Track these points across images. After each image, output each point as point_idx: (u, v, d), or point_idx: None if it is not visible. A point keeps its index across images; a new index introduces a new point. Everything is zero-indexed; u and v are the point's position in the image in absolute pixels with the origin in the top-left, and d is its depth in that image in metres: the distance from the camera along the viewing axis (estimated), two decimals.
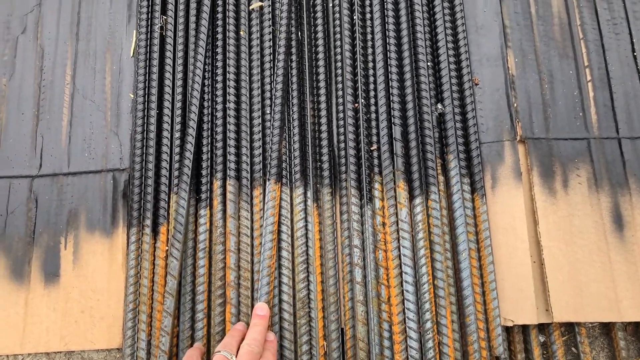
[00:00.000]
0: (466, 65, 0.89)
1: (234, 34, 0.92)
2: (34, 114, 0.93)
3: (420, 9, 0.91)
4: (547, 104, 0.88)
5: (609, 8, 0.92)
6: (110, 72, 0.95)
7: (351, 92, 0.88)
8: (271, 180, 0.84)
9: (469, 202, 0.83)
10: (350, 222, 0.82)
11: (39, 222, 0.88)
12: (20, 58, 0.96)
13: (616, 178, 0.84)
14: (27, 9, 0.99)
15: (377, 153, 0.85)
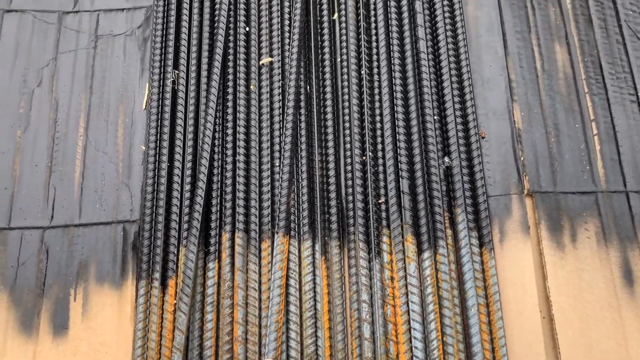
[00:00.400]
0: (473, 119, 0.90)
1: (244, 88, 0.94)
2: (47, 165, 0.95)
3: (426, 63, 0.93)
4: (554, 158, 0.88)
5: (613, 63, 0.93)
6: (122, 124, 0.97)
7: (359, 145, 0.89)
8: (279, 233, 0.84)
9: (477, 256, 0.83)
10: (359, 277, 0.82)
11: (50, 274, 0.89)
12: (36, 110, 0.98)
13: (625, 232, 0.84)
14: (43, 62, 1.02)
15: (385, 206, 0.86)
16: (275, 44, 0.97)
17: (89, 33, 1.04)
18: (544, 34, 0.96)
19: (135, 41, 1.03)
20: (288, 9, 0.99)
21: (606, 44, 0.95)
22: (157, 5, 1.02)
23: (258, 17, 0.99)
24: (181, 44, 0.99)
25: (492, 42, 0.96)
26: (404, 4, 0.97)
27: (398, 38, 0.95)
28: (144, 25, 1.04)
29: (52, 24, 1.05)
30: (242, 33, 0.98)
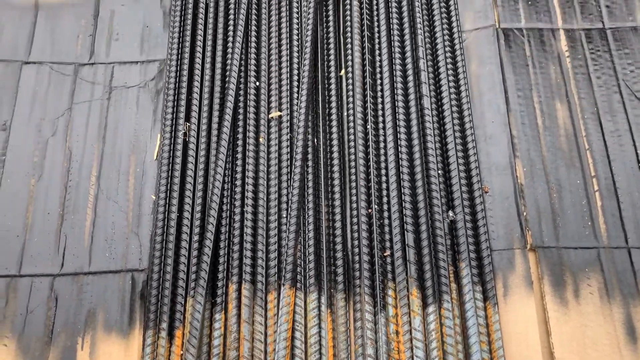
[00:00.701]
0: (476, 174, 0.92)
1: (253, 141, 0.97)
2: (59, 213, 0.97)
3: (430, 119, 0.96)
4: (556, 213, 0.90)
5: (613, 120, 0.96)
6: (134, 174, 0.99)
7: (365, 198, 0.91)
8: (286, 285, 0.85)
9: (482, 310, 0.84)
10: (364, 330, 0.82)
11: (58, 322, 0.90)
12: (50, 160, 1.01)
13: (628, 289, 0.85)
14: (58, 112, 1.05)
15: (390, 259, 0.87)
16: (284, 99, 1.00)
17: (104, 84, 1.08)
18: (545, 91, 0.99)
19: (148, 93, 1.06)
20: (297, 65, 1.02)
21: (605, 102, 0.97)
22: (171, 59, 1.06)
23: (268, 73, 1.03)
24: (193, 96, 1.02)
25: (495, 99, 0.99)
26: (409, 62, 1.00)
27: (403, 95, 0.98)
28: (157, 78, 1.07)
29: (68, 75, 1.09)
30: (252, 87, 1.01)
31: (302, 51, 1.02)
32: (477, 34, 1.05)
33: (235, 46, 1.03)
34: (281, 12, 1.08)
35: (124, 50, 1.11)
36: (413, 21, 1.04)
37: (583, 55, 1.02)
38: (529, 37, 1.04)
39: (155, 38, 1.11)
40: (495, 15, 1.06)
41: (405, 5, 1.06)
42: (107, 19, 1.14)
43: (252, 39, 1.06)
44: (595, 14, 1.05)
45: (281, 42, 1.05)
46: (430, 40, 1.04)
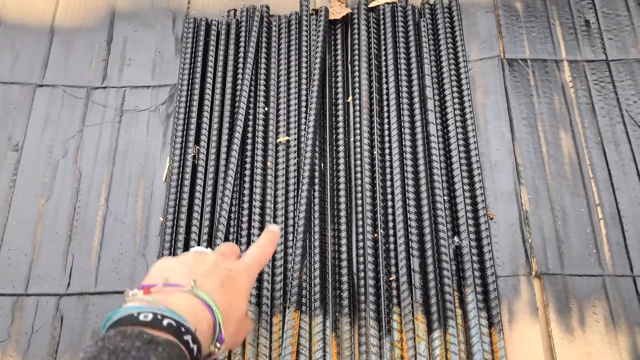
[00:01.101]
0: (481, 200, 0.93)
1: (261, 164, 0.98)
2: (67, 234, 0.98)
3: (436, 146, 0.97)
4: (561, 240, 0.90)
5: (617, 149, 0.97)
6: (142, 195, 1.00)
7: (371, 222, 0.92)
8: (291, 308, 0.86)
9: (487, 336, 0.84)
10: (369, 355, 0.82)
11: (62, 342, 0.90)
12: (59, 180, 1.02)
13: (633, 317, 0.85)
14: (69, 134, 1.07)
15: (395, 284, 0.88)
16: (292, 124, 1.01)
17: (115, 108, 1.10)
18: (550, 120, 1.00)
19: (158, 117, 1.08)
20: (305, 92, 1.04)
21: (609, 132, 0.99)
22: (182, 84, 1.08)
23: (277, 98, 1.04)
24: (203, 120, 1.04)
25: (500, 127, 1.00)
26: (415, 90, 1.02)
27: (409, 121, 0.99)
28: (167, 102, 1.09)
29: (80, 98, 1.11)
30: (261, 112, 1.03)
31: (311, 78, 1.05)
32: (483, 63, 1.07)
33: (245, 72, 1.06)
34: (291, 40, 1.10)
35: (136, 75, 1.13)
36: (420, 50, 1.07)
37: (587, 85, 1.03)
38: (534, 67, 1.06)
39: (167, 63, 1.14)
40: (500, 46, 1.08)
41: (412, 36, 1.08)
42: (120, 45, 1.17)
43: (262, 66, 1.08)
44: (598, 46, 1.08)
45: (290, 69, 1.07)
46: (437, 69, 1.06)
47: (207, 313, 0.46)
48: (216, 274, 0.50)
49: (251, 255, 0.56)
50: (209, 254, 0.53)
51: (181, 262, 0.52)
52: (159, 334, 0.40)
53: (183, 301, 0.46)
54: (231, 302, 0.49)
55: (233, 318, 0.49)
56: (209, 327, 0.46)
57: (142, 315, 0.42)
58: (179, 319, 0.42)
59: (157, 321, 0.41)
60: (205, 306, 0.47)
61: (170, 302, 0.45)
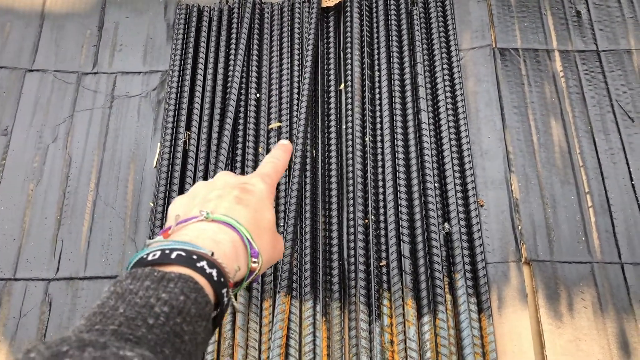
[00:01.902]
0: (472, 188, 0.93)
1: (253, 150, 0.98)
2: (56, 218, 0.97)
3: (428, 133, 0.97)
4: (550, 228, 0.91)
5: (606, 139, 0.98)
6: (132, 181, 1.00)
7: (362, 208, 0.92)
8: (281, 293, 0.85)
9: (476, 322, 0.84)
10: (359, 339, 0.82)
11: (51, 326, 0.89)
12: (49, 165, 1.02)
13: (621, 303, 0.85)
14: (59, 119, 1.06)
15: (386, 269, 0.88)
16: (284, 110, 1.01)
17: (106, 93, 1.09)
18: (540, 109, 1.01)
19: (149, 102, 1.07)
20: (297, 78, 1.04)
21: (599, 121, 0.99)
22: (173, 70, 1.07)
23: (269, 85, 1.04)
24: (194, 106, 1.03)
25: (491, 115, 1.00)
26: (407, 77, 1.02)
27: (401, 109, 1.00)
28: (158, 88, 1.09)
29: (71, 83, 1.10)
30: (253, 99, 1.02)
31: (303, 65, 1.04)
32: (475, 52, 1.07)
33: (237, 59, 1.05)
34: (283, 26, 1.10)
35: (127, 60, 1.13)
36: (412, 39, 1.07)
37: (577, 75, 1.04)
38: (525, 57, 1.06)
39: (158, 49, 1.13)
40: (492, 35, 1.09)
41: (404, 24, 1.08)
42: (111, 30, 1.16)
43: (254, 52, 1.08)
44: (589, 36, 1.08)
45: (282, 56, 1.07)
46: (429, 57, 1.06)
47: (230, 231, 0.43)
48: (229, 192, 0.47)
49: (266, 163, 0.53)
50: (219, 176, 0.51)
51: (192, 195, 0.49)
52: (170, 269, 0.38)
53: (197, 230, 0.43)
54: (255, 213, 0.46)
55: (263, 228, 0.46)
56: (234, 245, 0.43)
57: (150, 255, 0.40)
58: (189, 247, 0.40)
59: (165, 256, 0.39)
60: (225, 225, 0.44)
61: (184, 234, 0.43)
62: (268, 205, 0.48)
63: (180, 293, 0.36)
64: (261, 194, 0.48)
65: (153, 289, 0.35)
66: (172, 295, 0.35)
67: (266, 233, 0.46)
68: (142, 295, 0.35)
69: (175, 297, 0.35)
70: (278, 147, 0.57)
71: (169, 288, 0.36)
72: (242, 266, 0.43)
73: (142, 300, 0.34)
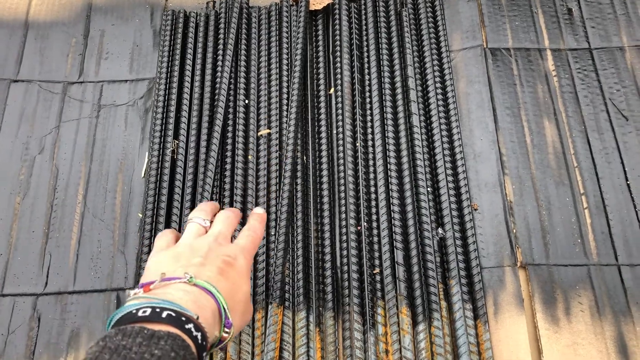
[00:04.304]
0: (465, 191, 0.92)
1: (242, 158, 0.96)
2: (44, 232, 0.95)
3: (419, 137, 0.96)
4: (545, 230, 0.90)
5: (600, 138, 0.96)
6: (121, 192, 0.98)
7: (354, 215, 0.91)
8: (273, 304, 0.84)
9: (472, 329, 0.83)
10: (353, 349, 0.81)
11: (40, 343, 0.87)
12: (36, 177, 1.00)
13: (618, 306, 0.84)
14: (46, 130, 1.04)
15: (379, 277, 0.86)
16: (274, 117, 1.00)
17: (92, 103, 1.07)
18: (533, 109, 0.99)
19: (137, 111, 1.06)
20: (286, 84, 1.02)
21: (593, 121, 0.98)
22: (160, 78, 1.06)
23: (257, 91, 1.03)
24: (182, 114, 1.02)
25: (483, 117, 0.99)
26: (397, 80, 1.01)
27: (392, 113, 0.98)
28: (146, 96, 1.07)
29: (56, 93, 1.08)
30: (241, 105, 1.01)
31: (292, 70, 1.03)
32: (466, 53, 1.06)
33: (224, 65, 1.04)
34: (271, 31, 1.09)
35: (113, 69, 1.11)
36: (402, 41, 1.05)
37: (570, 74, 1.03)
38: (517, 56, 1.05)
39: (145, 57, 1.11)
40: (483, 35, 1.07)
41: (394, 26, 1.07)
42: (97, 38, 1.14)
43: (242, 58, 1.06)
44: (581, 34, 1.07)
45: (271, 61, 1.06)
46: (419, 59, 1.05)
47: (210, 299, 0.46)
48: (213, 261, 0.50)
49: (244, 236, 0.57)
50: (202, 240, 0.53)
51: (175, 256, 0.52)
52: (159, 327, 0.40)
53: (182, 291, 0.45)
54: (233, 285, 0.49)
55: (238, 300, 0.49)
56: (213, 313, 0.46)
57: (140, 311, 0.41)
58: (178, 308, 0.42)
59: (156, 314, 0.41)
60: (206, 293, 0.46)
61: (169, 293, 0.45)
62: (245, 279, 0.52)
63: (171, 350, 0.38)
64: (241, 268, 0.52)
65: (145, 345, 0.37)
66: (164, 352, 0.38)
67: (240, 304, 0.50)
68: (137, 351, 0.37)
69: (167, 354, 0.38)
70: (254, 218, 0.61)
71: (160, 345, 0.38)
72: (216, 334, 0.46)
73: (137, 356, 0.37)
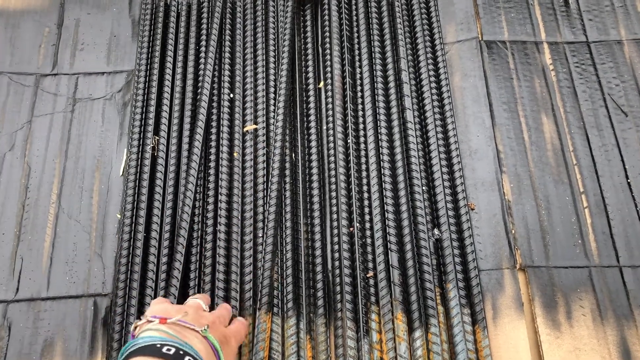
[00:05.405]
0: (461, 190, 0.88)
1: (227, 155, 0.91)
2: (15, 234, 0.90)
3: (414, 133, 0.91)
4: (545, 231, 0.86)
5: (600, 135, 0.93)
6: (98, 191, 0.93)
7: (346, 215, 0.86)
8: (262, 310, 0.79)
9: (470, 334, 0.79)
10: (346, 358, 0.77)
11: (10, 353, 0.82)
12: (6, 176, 0.94)
13: (621, 309, 0.81)
14: (17, 126, 0.98)
15: (373, 281, 0.82)
16: (260, 111, 0.95)
17: (67, 96, 1.01)
18: (531, 105, 0.96)
19: (114, 105, 1.00)
20: (273, 77, 0.97)
21: (592, 117, 0.95)
22: (139, 70, 1.00)
23: (243, 84, 0.97)
24: (162, 109, 0.96)
25: (479, 112, 0.95)
26: (390, 74, 0.97)
27: (385, 107, 0.94)
28: (124, 90, 1.01)
29: (28, 86, 1.02)
30: (226, 99, 0.96)
31: (279, 62, 0.98)
32: (460, 46, 1.01)
33: (208, 56, 0.98)
34: (257, 21, 1.03)
35: (89, 60, 1.05)
36: (394, 32, 1.01)
37: (568, 68, 0.99)
38: (513, 49, 1.01)
39: (123, 48, 1.05)
40: (478, 28, 1.03)
41: (386, 17, 1.02)
42: (72, 28, 1.08)
43: (226, 49, 1.01)
44: (578, 27, 1.03)
45: (257, 53, 1.00)
46: (412, 52, 1.00)
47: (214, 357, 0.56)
48: (217, 328, 0.62)
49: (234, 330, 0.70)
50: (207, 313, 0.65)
51: (183, 310, 0.61)
52: None
53: (199, 342, 0.55)
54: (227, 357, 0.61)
55: None
56: None
57: (165, 348, 0.48)
58: (197, 356, 0.50)
59: (179, 356, 0.47)
60: (214, 353, 0.56)
61: (188, 338, 0.53)
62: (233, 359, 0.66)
63: None
64: (232, 350, 0.66)
65: None
66: None
67: None
68: None
69: None
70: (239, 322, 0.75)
71: None
72: None
73: None
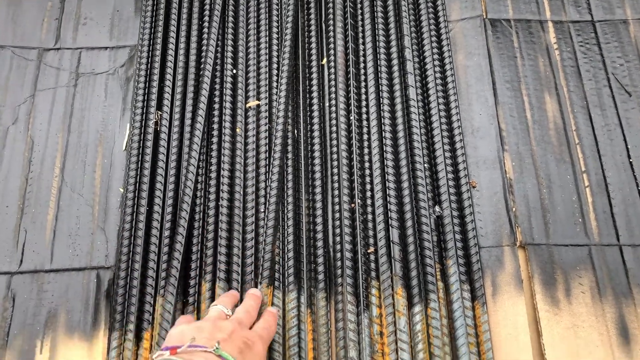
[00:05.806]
0: (463, 168, 0.88)
1: (229, 131, 0.91)
2: (18, 207, 0.90)
3: (416, 110, 0.91)
4: (546, 209, 0.86)
5: (603, 114, 0.93)
6: (101, 165, 0.93)
7: (347, 192, 0.87)
8: (263, 284, 0.80)
9: (470, 310, 0.80)
10: (346, 332, 0.77)
11: (15, 324, 0.83)
12: (9, 149, 0.94)
13: (619, 287, 0.81)
14: (20, 99, 0.98)
15: (374, 256, 0.83)
16: (263, 87, 0.95)
17: (70, 71, 1.01)
18: (534, 84, 0.95)
19: (117, 80, 1.00)
20: (276, 53, 0.97)
21: (595, 96, 0.94)
22: (142, 45, 1.00)
23: (246, 60, 0.97)
24: (165, 84, 0.96)
25: (482, 91, 0.95)
26: (394, 51, 0.96)
27: (387, 85, 0.94)
28: (127, 65, 1.01)
29: (31, 60, 1.02)
30: (229, 75, 0.95)
31: (282, 38, 0.98)
32: (464, 24, 1.01)
33: (211, 32, 0.98)
34: None
35: (92, 35, 1.04)
36: (398, 9, 1.00)
37: (572, 47, 0.99)
38: (517, 28, 1.00)
39: (126, 22, 1.05)
40: (483, 6, 1.03)
41: None
42: (74, 2, 1.07)
43: (229, 25, 1.00)
44: (583, 6, 1.03)
45: (260, 28, 1.00)
46: (416, 30, 1.00)
47: None
48: (235, 341, 0.60)
49: (262, 328, 0.69)
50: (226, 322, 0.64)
51: (199, 328, 0.61)
52: None
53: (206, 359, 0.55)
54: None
55: None
56: None
57: None
58: None
59: None
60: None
61: None
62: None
63: None
64: (258, 352, 0.63)
65: None
66: None
67: None
68: None
69: None
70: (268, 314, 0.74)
71: None
72: None
73: None
